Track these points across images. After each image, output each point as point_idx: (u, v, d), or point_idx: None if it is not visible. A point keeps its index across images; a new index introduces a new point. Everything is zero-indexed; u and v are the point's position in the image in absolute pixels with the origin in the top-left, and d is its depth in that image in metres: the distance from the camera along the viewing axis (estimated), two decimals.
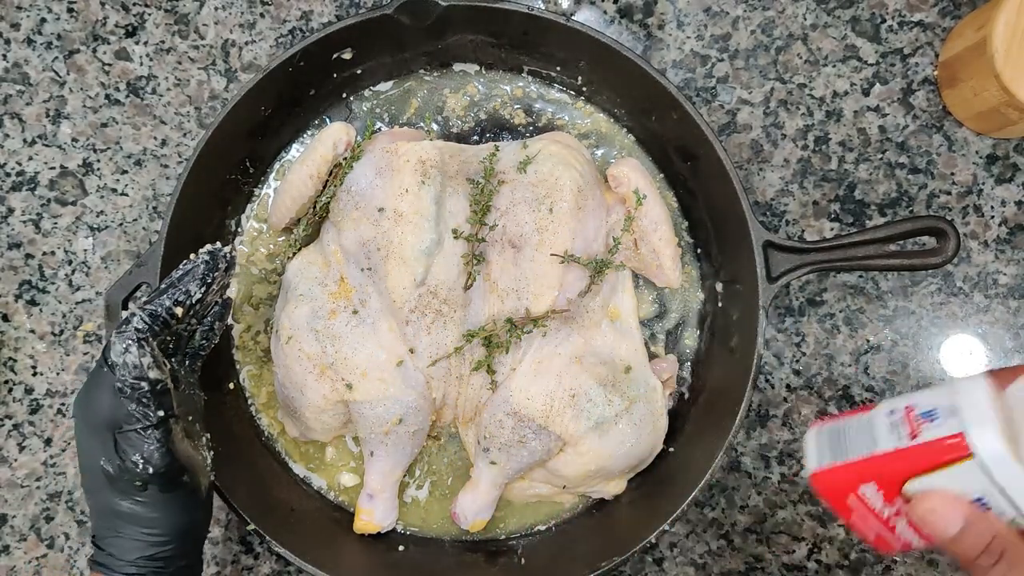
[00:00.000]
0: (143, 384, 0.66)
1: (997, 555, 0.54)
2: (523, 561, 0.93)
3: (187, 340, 0.78)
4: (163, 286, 0.72)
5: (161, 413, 0.67)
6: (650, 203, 0.90)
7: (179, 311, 0.71)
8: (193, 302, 0.72)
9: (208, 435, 0.77)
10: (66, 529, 0.98)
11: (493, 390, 0.90)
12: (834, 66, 0.99)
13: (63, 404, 0.99)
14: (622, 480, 0.93)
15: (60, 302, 0.99)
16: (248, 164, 0.95)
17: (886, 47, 0.99)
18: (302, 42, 0.87)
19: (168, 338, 0.73)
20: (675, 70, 1.00)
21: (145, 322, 0.68)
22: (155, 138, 1.00)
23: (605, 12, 1.00)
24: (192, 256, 0.74)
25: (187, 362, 0.78)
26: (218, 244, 0.76)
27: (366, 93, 0.98)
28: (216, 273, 0.74)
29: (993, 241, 0.98)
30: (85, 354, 0.99)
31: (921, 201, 0.98)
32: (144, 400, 0.66)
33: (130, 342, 0.66)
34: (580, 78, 0.95)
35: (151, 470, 0.67)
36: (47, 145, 1.00)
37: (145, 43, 1.00)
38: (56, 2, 1.00)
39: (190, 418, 0.75)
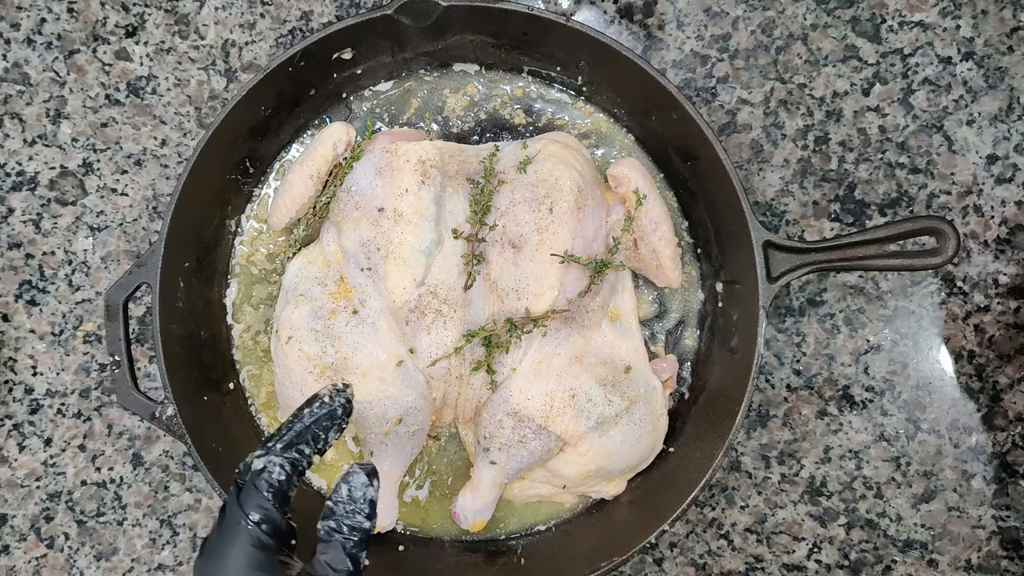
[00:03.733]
0: (277, 539, 0.61)
1: None
2: (523, 561, 0.93)
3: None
4: (294, 431, 0.67)
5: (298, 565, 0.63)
6: (650, 203, 0.90)
7: (317, 459, 0.67)
8: (329, 445, 0.68)
9: None
10: (66, 529, 0.98)
11: (493, 390, 0.90)
12: (834, 66, 0.99)
13: (63, 404, 0.99)
14: (622, 480, 0.93)
15: (60, 302, 0.99)
16: (248, 164, 0.95)
17: (886, 47, 0.99)
18: (302, 42, 0.87)
19: (303, 472, 0.67)
20: (675, 70, 1.00)
21: (287, 472, 0.63)
22: (155, 138, 1.00)
23: (605, 12, 1.00)
24: (325, 399, 0.69)
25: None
26: (340, 382, 0.72)
27: (366, 93, 0.98)
28: (349, 418, 0.69)
29: (993, 241, 0.98)
30: (85, 354, 0.99)
31: (921, 201, 0.98)
32: (284, 555, 0.62)
33: (273, 495, 0.62)
34: (580, 78, 0.95)
35: None
36: (47, 145, 1.00)
37: (145, 43, 1.00)
38: (56, 2, 1.00)
39: None
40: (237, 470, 0.65)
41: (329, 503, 0.64)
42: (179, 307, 0.89)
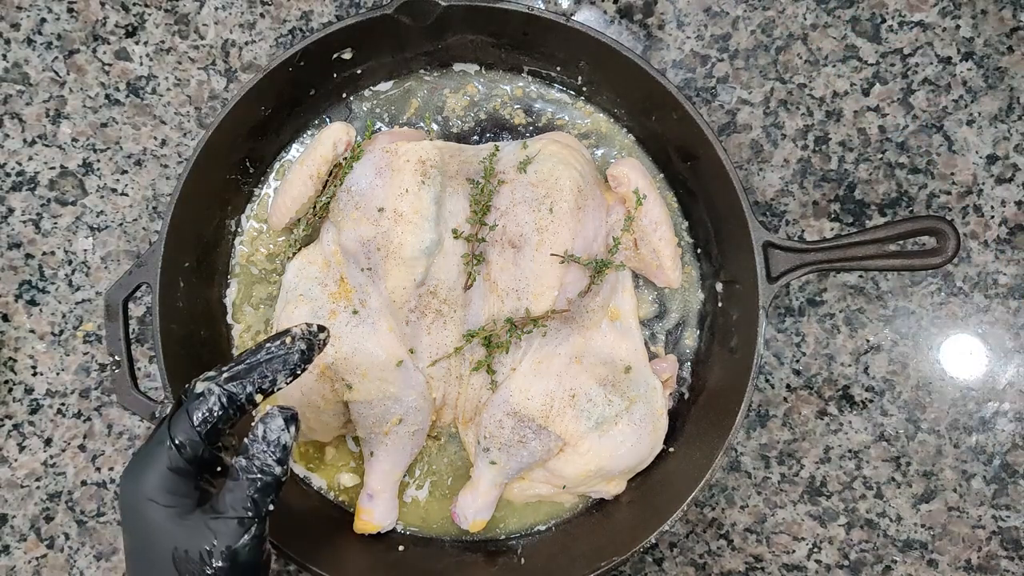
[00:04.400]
0: (196, 466, 0.61)
1: None
2: (523, 561, 0.93)
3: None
4: (245, 364, 0.64)
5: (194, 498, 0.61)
6: (650, 203, 0.90)
7: (259, 399, 0.63)
8: (275, 389, 0.64)
9: None
10: (66, 529, 0.98)
11: (493, 390, 0.90)
12: (834, 66, 0.99)
13: (63, 404, 0.99)
14: (622, 480, 0.93)
15: (60, 302, 0.99)
16: (248, 164, 0.95)
17: (886, 47, 0.99)
18: (302, 42, 0.87)
19: (240, 410, 0.64)
20: (675, 70, 1.00)
21: (222, 405, 0.62)
22: (155, 138, 1.00)
23: (605, 12, 1.00)
24: (287, 339, 0.65)
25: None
26: (315, 326, 0.67)
27: (366, 93, 0.98)
28: (309, 365, 0.66)
29: (993, 241, 0.98)
30: (85, 354, 0.99)
31: (921, 201, 0.98)
32: (208, 483, 0.61)
33: (201, 423, 0.61)
34: (580, 78, 0.95)
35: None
36: (47, 145, 1.00)
37: (145, 43, 1.00)
38: (56, 2, 1.00)
39: None
40: (184, 387, 0.64)
41: (245, 440, 0.62)
42: (179, 307, 0.89)
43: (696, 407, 0.94)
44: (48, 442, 0.98)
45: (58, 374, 0.99)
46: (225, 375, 0.63)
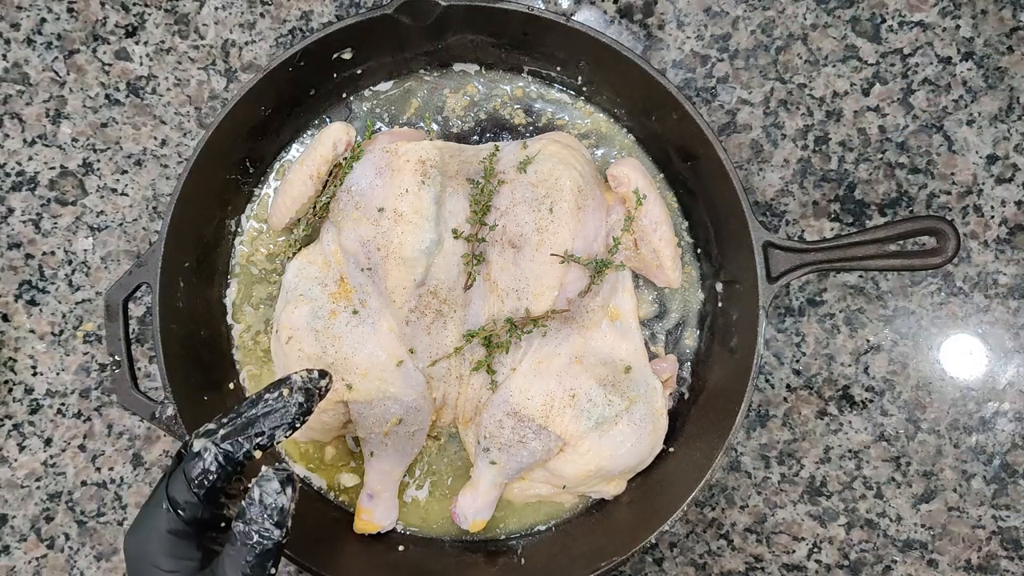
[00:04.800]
0: (196, 528, 0.59)
1: None
2: (523, 561, 0.93)
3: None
4: (244, 418, 0.62)
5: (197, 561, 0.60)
6: (650, 203, 0.90)
7: (258, 455, 0.62)
8: (274, 444, 0.62)
9: None
10: (66, 529, 0.98)
11: (493, 390, 0.90)
12: (834, 66, 0.99)
13: (63, 404, 0.99)
14: (622, 480, 0.93)
15: (60, 302, 0.99)
16: (248, 164, 0.95)
17: (886, 47, 0.99)
18: (302, 42, 0.87)
19: (240, 467, 0.63)
20: (675, 70, 1.00)
21: (219, 464, 0.60)
22: (155, 138, 1.00)
23: (605, 12, 1.00)
24: (284, 391, 0.63)
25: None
26: (316, 372, 0.65)
27: (366, 93, 0.98)
28: (308, 417, 0.64)
29: (993, 241, 0.98)
30: (85, 354, 0.99)
31: (921, 201, 0.98)
32: (212, 540, 0.60)
33: (198, 485, 0.59)
34: (580, 78, 0.95)
35: None
36: (47, 145, 1.00)
37: (145, 43, 1.00)
38: (56, 2, 1.00)
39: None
40: (184, 441, 0.63)
41: (243, 503, 0.61)
42: (179, 307, 0.89)
43: (696, 407, 0.94)
44: (48, 442, 0.98)
45: (58, 374, 0.99)
46: (222, 432, 0.62)
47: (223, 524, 0.63)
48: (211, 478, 0.61)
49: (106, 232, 1.00)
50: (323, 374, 0.67)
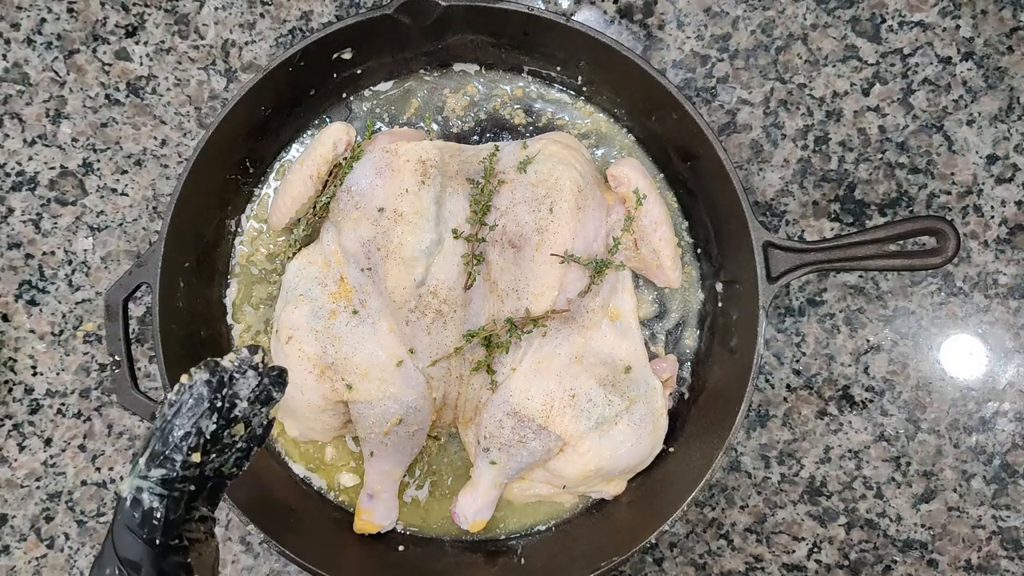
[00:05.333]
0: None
1: None
2: (523, 561, 0.93)
3: (216, 469, 0.57)
4: (156, 435, 0.53)
5: None
6: (650, 203, 0.90)
7: (196, 458, 0.52)
8: (210, 437, 0.53)
9: None
10: (66, 529, 0.98)
11: (493, 390, 0.90)
12: (834, 66, 0.99)
13: (63, 404, 0.99)
14: (622, 480, 0.93)
15: (60, 302, 0.99)
16: (248, 164, 0.95)
17: (886, 47, 0.99)
18: (302, 42, 0.87)
19: (187, 487, 0.53)
20: (675, 70, 1.00)
21: (160, 495, 0.51)
22: (155, 138, 1.00)
23: (605, 12, 1.00)
24: (184, 379, 0.55)
25: (207, 495, 0.57)
26: (243, 351, 0.57)
27: (366, 93, 0.98)
28: (224, 391, 0.55)
29: (993, 241, 0.98)
30: (85, 354, 0.99)
31: (921, 201, 0.98)
32: None
33: (149, 532, 0.50)
34: (580, 78, 0.95)
35: None
36: (47, 145, 1.00)
37: (145, 43, 1.00)
38: (56, 2, 1.00)
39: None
40: (115, 494, 0.53)
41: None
42: (179, 307, 0.89)
43: (696, 407, 0.94)
44: (48, 442, 0.98)
45: (58, 374, 0.99)
46: (143, 460, 0.52)
47: (188, 568, 0.54)
48: (160, 514, 0.51)
49: (106, 232, 1.00)
50: (254, 348, 0.59)
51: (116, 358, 0.86)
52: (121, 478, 0.53)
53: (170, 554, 0.51)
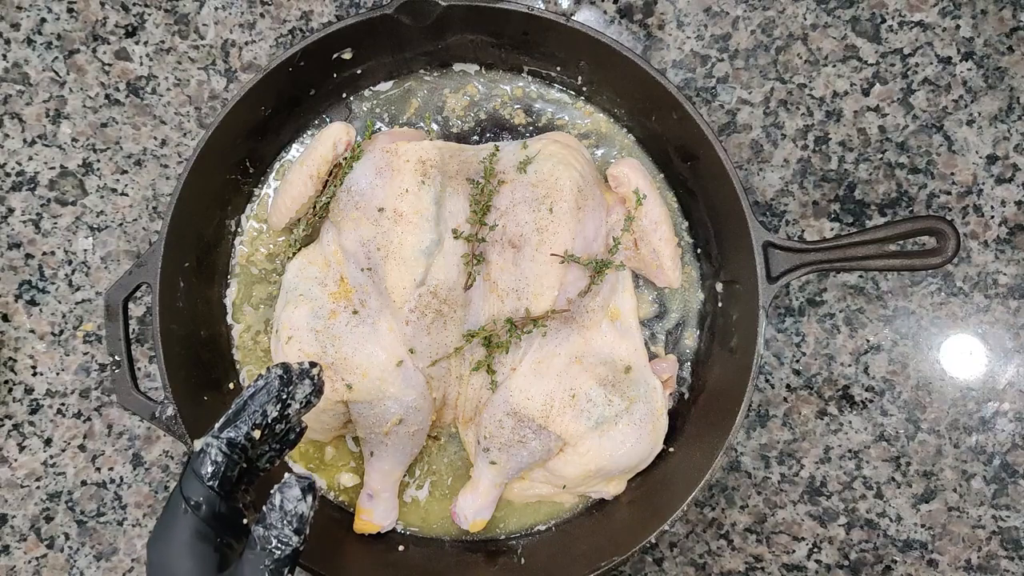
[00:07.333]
0: (217, 525, 0.60)
1: None
2: (523, 561, 0.93)
3: (257, 456, 0.68)
4: (233, 408, 0.65)
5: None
6: (650, 203, 0.90)
7: (257, 434, 0.64)
8: (270, 422, 0.65)
9: None
10: (66, 529, 0.98)
11: (493, 390, 0.90)
12: (834, 66, 0.99)
13: (63, 404, 0.99)
14: (622, 480, 0.93)
15: (60, 302, 0.99)
16: (248, 164, 0.95)
17: (886, 47, 0.99)
18: (302, 42, 0.87)
19: (242, 457, 0.64)
20: (675, 70, 1.00)
21: (224, 452, 0.62)
22: (155, 138, 1.00)
23: (605, 12, 1.00)
24: (264, 371, 0.67)
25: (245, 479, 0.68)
26: (305, 363, 0.68)
27: (366, 93, 0.98)
28: (290, 388, 0.66)
29: (993, 241, 0.98)
30: (85, 354, 0.99)
31: (921, 201, 0.98)
32: (229, 545, 0.61)
33: (211, 477, 0.61)
34: (580, 78, 0.95)
35: None
36: (47, 145, 1.00)
37: (145, 43, 1.00)
38: (56, 2, 1.00)
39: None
40: (187, 452, 0.63)
41: (264, 507, 0.62)
42: (179, 307, 0.89)
43: (696, 407, 0.94)
44: (48, 442, 0.98)
45: (58, 374, 0.99)
46: (218, 425, 0.64)
47: (240, 529, 0.63)
48: (220, 468, 0.62)
49: (106, 232, 1.00)
50: (313, 364, 0.69)
51: (116, 358, 0.86)
52: (191, 445, 0.64)
53: (226, 503, 0.62)
